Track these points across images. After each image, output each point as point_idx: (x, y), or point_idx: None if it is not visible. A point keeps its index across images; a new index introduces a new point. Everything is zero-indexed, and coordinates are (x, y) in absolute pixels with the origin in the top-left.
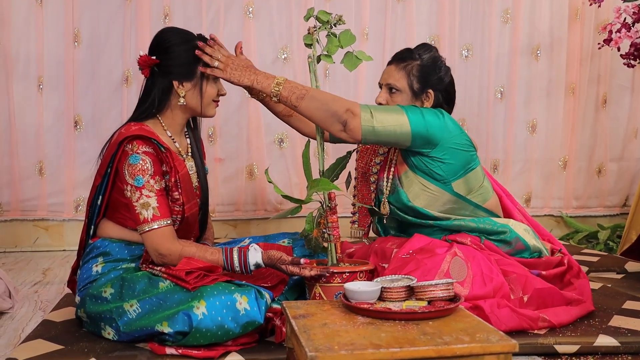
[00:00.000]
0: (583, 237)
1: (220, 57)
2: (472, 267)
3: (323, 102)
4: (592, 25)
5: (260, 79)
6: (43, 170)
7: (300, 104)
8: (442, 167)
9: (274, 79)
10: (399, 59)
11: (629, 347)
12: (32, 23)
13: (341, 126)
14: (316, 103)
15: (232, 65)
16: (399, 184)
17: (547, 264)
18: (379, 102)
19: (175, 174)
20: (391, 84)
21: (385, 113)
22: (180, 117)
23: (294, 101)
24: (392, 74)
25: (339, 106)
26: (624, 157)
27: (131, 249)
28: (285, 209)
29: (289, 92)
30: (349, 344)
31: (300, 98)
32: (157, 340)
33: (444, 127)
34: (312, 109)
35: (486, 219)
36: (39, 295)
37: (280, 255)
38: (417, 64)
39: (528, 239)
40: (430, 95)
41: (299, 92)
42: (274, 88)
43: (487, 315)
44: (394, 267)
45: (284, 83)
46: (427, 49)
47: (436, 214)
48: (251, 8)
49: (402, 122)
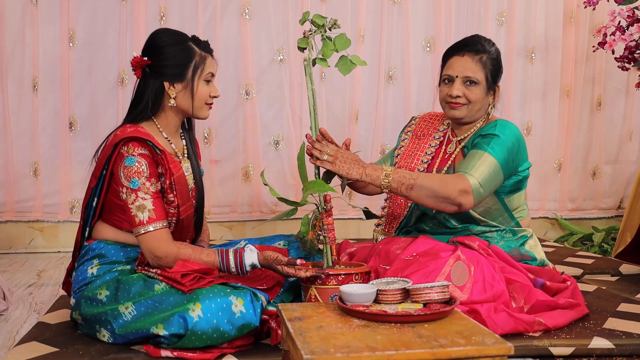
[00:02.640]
0: (578, 239)
1: (330, 152)
2: (475, 273)
3: (433, 189)
4: (586, 28)
5: (369, 172)
6: (38, 171)
7: (411, 194)
8: (510, 179)
9: (382, 171)
10: (473, 51)
11: (623, 349)
12: (27, 23)
13: (456, 207)
14: (426, 191)
15: (341, 158)
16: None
17: (552, 275)
18: (455, 94)
19: (170, 176)
20: (470, 76)
21: (483, 168)
22: (174, 118)
23: (404, 191)
24: (470, 66)
25: (450, 190)
26: (618, 160)
27: (127, 251)
28: (281, 210)
29: (398, 183)
30: (345, 346)
31: (409, 188)
32: (153, 342)
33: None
34: (423, 197)
35: (511, 228)
36: (34, 297)
37: (276, 256)
38: (489, 57)
39: (538, 252)
40: (498, 89)
41: (408, 182)
42: (383, 181)
43: (484, 319)
44: (396, 268)
45: (393, 174)
46: (489, 41)
47: (473, 214)
48: (247, 9)
49: (495, 168)
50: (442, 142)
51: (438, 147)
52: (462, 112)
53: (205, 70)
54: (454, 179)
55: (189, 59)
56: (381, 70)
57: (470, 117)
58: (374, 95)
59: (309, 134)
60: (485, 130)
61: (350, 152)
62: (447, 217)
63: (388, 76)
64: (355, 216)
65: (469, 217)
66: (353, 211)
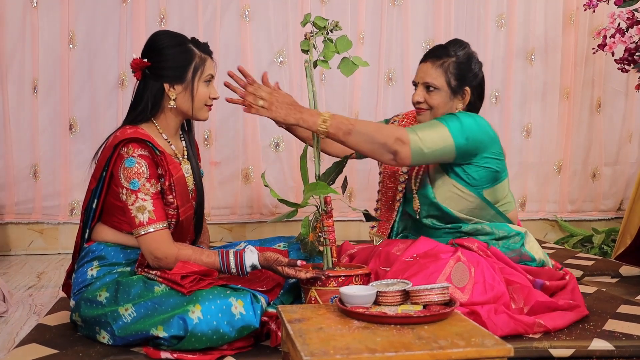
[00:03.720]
0: (578, 241)
1: (264, 95)
2: (475, 274)
3: (370, 135)
4: (586, 30)
5: (305, 117)
6: (38, 173)
7: (348, 139)
8: (479, 172)
9: (319, 116)
10: (435, 57)
11: (623, 351)
12: (27, 25)
13: (391, 155)
14: (363, 137)
15: (277, 103)
16: (428, 180)
17: (551, 275)
18: (416, 100)
19: (170, 177)
20: (429, 82)
21: (429, 131)
22: (174, 120)
23: (342, 137)
24: (429, 72)
25: (387, 137)
26: (618, 161)
27: (126, 253)
28: (281, 212)
29: (336, 129)
30: (345, 348)
31: (347, 134)
32: (152, 344)
33: (485, 134)
34: (360, 142)
35: (504, 224)
36: (34, 299)
37: (276, 257)
38: (453, 61)
39: (536, 250)
40: (466, 92)
41: (345, 128)
42: (320, 126)
43: (484, 320)
44: (396, 270)
45: (330, 120)
46: (461, 45)
47: (458, 215)
48: (247, 11)
49: (445, 136)
50: None
51: None
52: (425, 117)
53: (205, 72)
54: (394, 128)
55: (189, 61)
56: (381, 72)
57: None
58: (374, 96)
59: (241, 66)
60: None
61: (285, 95)
62: (435, 221)
63: (388, 78)
64: (356, 218)
65: (456, 218)
66: (353, 213)
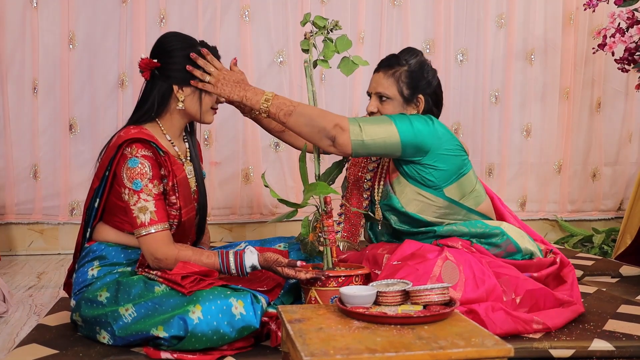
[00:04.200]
0: (578, 241)
1: (212, 71)
2: (464, 271)
3: (310, 117)
4: (586, 30)
5: (249, 95)
6: (38, 173)
7: (288, 120)
8: (434, 174)
9: (262, 95)
10: (386, 66)
11: (623, 351)
12: (27, 25)
13: (330, 141)
14: (304, 119)
15: (223, 81)
16: (391, 190)
17: (539, 265)
18: (370, 111)
19: (173, 178)
20: (381, 92)
21: (374, 125)
22: (179, 121)
23: (282, 117)
24: (381, 82)
25: (327, 122)
26: (618, 161)
27: (127, 253)
28: (281, 212)
29: (277, 108)
30: (345, 348)
31: (288, 114)
32: (153, 344)
33: (434, 134)
34: (300, 125)
35: (478, 221)
36: (34, 299)
37: (276, 257)
38: (405, 69)
39: (520, 241)
40: (420, 100)
41: (287, 109)
42: (262, 105)
43: (483, 319)
44: (386, 274)
45: (273, 99)
46: (413, 53)
47: (429, 219)
48: (247, 11)
49: (391, 132)
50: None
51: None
52: None
53: None
54: (336, 115)
55: (198, 64)
56: None
57: None
58: None
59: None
60: None
61: (235, 73)
62: (407, 226)
63: None
64: None
65: (429, 223)
66: None
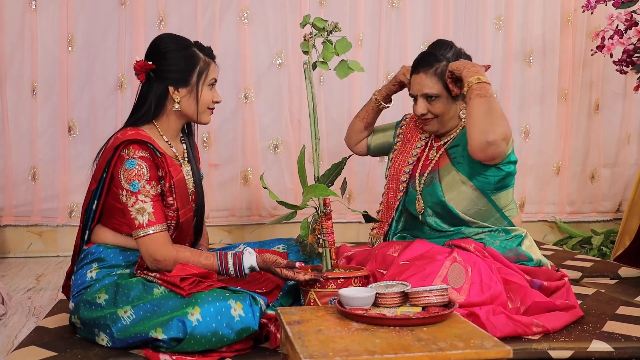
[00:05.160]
0: (577, 242)
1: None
2: (472, 274)
3: (495, 113)
4: (584, 32)
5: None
6: (37, 175)
7: (476, 99)
8: (496, 176)
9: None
10: (426, 65)
11: (622, 352)
12: (26, 27)
13: (486, 144)
14: (485, 107)
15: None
16: (437, 178)
17: (549, 275)
18: (420, 113)
19: (170, 179)
20: (428, 92)
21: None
22: (176, 122)
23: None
24: (425, 83)
25: (502, 128)
26: (617, 163)
27: (126, 255)
28: (280, 214)
29: (483, 90)
30: (344, 350)
31: (480, 96)
32: (151, 346)
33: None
34: (480, 111)
35: (504, 227)
36: (32, 301)
37: (275, 258)
38: (445, 64)
39: (534, 251)
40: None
41: (484, 92)
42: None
43: (483, 322)
44: (393, 273)
45: (484, 80)
46: (447, 46)
47: (463, 216)
48: (246, 13)
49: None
50: (425, 147)
51: (421, 152)
52: (433, 126)
53: (209, 76)
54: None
55: (193, 65)
56: (379, 74)
57: (444, 128)
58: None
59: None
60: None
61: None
62: (439, 221)
63: (386, 80)
64: (354, 219)
65: (460, 220)
66: (352, 215)
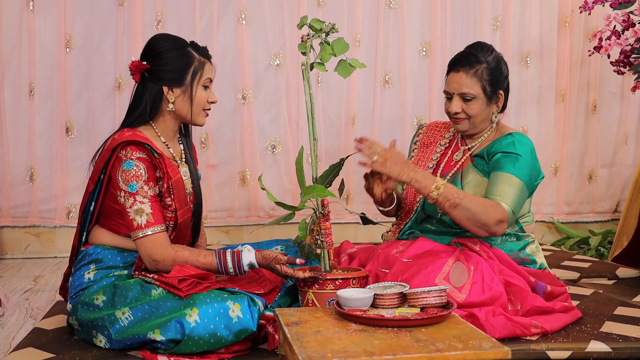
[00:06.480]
0: (574, 243)
1: (379, 151)
2: (474, 274)
3: (474, 213)
4: (581, 33)
5: (419, 178)
6: (34, 176)
7: (453, 212)
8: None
9: (433, 182)
10: (467, 65)
11: (620, 352)
12: (24, 28)
13: (488, 234)
14: (467, 214)
15: (392, 160)
16: (459, 177)
17: (553, 280)
18: (454, 112)
19: (168, 180)
20: (466, 92)
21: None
22: (172, 123)
23: (447, 208)
24: (464, 82)
25: (489, 218)
26: (614, 163)
27: (124, 256)
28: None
29: (444, 198)
30: (342, 351)
31: (453, 207)
32: (149, 348)
33: (535, 158)
34: (463, 218)
35: (515, 232)
36: (30, 302)
37: (275, 255)
38: (485, 67)
39: (538, 256)
40: (500, 96)
41: (453, 201)
42: (432, 192)
43: (482, 323)
44: (396, 271)
45: (443, 188)
46: (488, 49)
47: None
48: (244, 14)
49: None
50: (448, 148)
51: (443, 154)
52: (464, 126)
53: (204, 76)
54: (493, 208)
55: (188, 64)
56: (377, 75)
57: (475, 129)
58: (370, 99)
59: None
60: (503, 147)
61: (400, 153)
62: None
63: (384, 81)
64: (353, 220)
65: None
66: (350, 216)
